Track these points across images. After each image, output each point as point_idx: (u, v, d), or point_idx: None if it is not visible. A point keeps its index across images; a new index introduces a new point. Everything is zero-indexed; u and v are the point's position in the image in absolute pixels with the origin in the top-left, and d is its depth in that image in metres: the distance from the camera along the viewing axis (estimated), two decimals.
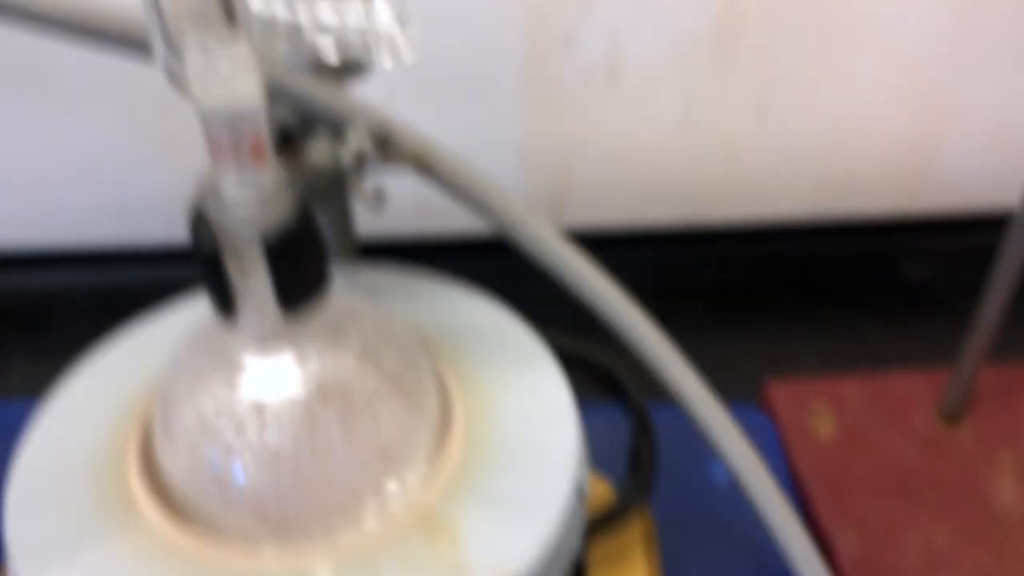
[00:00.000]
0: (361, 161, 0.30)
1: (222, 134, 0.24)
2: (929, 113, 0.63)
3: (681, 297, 0.66)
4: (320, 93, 0.30)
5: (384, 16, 0.21)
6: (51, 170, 0.60)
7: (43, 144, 0.59)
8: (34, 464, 0.29)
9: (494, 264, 0.46)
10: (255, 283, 0.25)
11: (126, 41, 0.27)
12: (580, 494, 0.29)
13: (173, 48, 0.23)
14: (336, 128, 0.30)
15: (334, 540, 0.27)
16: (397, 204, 0.32)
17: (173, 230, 0.64)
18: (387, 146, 0.30)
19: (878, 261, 0.69)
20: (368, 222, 0.36)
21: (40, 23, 0.26)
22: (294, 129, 0.30)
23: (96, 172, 0.61)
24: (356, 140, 0.30)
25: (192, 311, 0.35)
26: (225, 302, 0.25)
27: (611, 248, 0.67)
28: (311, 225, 0.26)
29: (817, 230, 0.69)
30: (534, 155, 0.61)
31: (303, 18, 0.22)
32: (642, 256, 0.67)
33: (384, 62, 0.22)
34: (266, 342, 0.26)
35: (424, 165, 0.30)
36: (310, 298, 0.26)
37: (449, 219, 0.55)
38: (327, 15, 0.22)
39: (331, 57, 0.22)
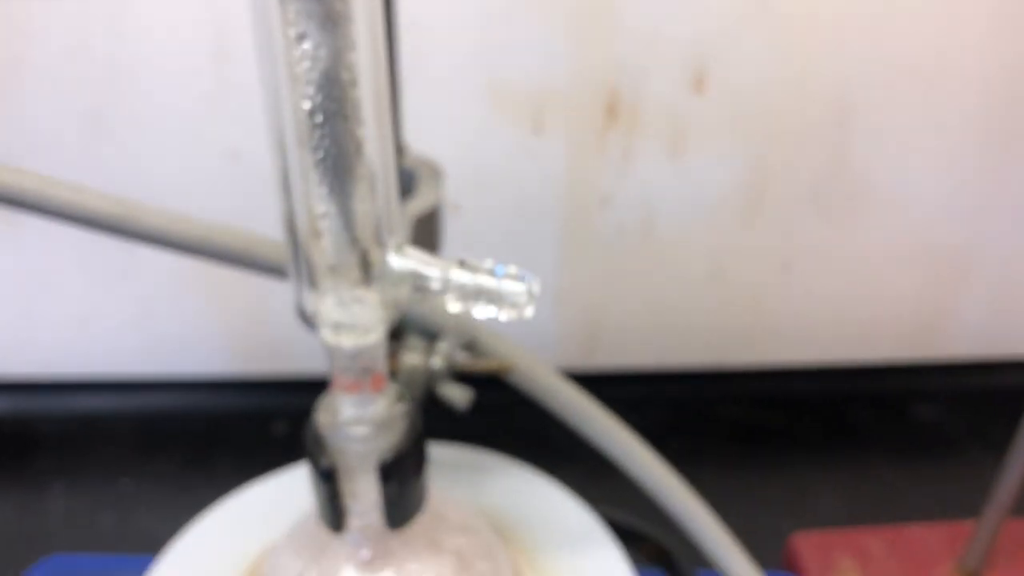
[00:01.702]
0: (451, 367, 0.32)
1: (347, 368, 0.26)
2: (941, 272, 0.66)
3: (702, 435, 0.68)
4: (415, 304, 0.32)
5: (512, 281, 0.24)
6: (102, 303, 0.62)
7: (97, 277, 0.61)
8: None
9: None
10: (365, 502, 0.27)
11: (263, 266, 0.30)
12: None
13: (307, 293, 0.25)
14: (427, 333, 0.32)
15: None
16: None
17: (211, 364, 0.66)
18: (474, 353, 0.32)
19: (893, 402, 0.71)
20: None
21: (180, 248, 0.29)
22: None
23: (142, 310, 0.63)
24: (447, 348, 0.32)
25: (289, 482, 0.36)
26: (336, 519, 0.27)
27: (636, 385, 0.70)
28: (421, 446, 0.27)
29: (834, 372, 0.71)
30: (568, 301, 0.63)
31: (434, 273, 0.24)
32: (666, 394, 0.69)
33: (502, 317, 0.24)
34: (369, 554, 0.28)
35: (507, 372, 0.32)
36: (414, 514, 0.28)
37: None
38: (458, 275, 0.24)
39: (454, 308, 0.25)
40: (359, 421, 0.26)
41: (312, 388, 0.27)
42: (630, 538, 0.37)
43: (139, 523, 0.60)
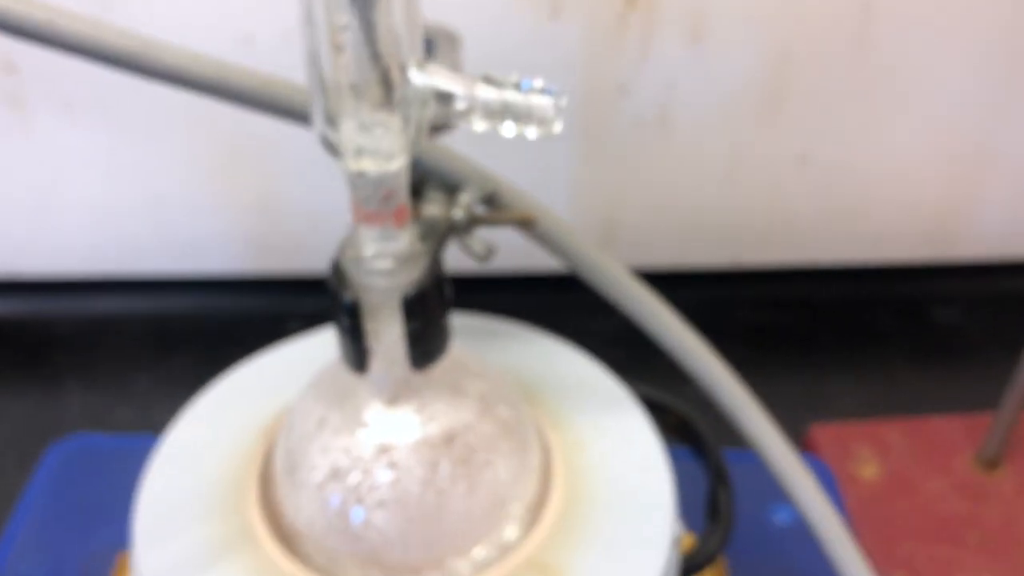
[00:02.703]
0: (472, 219, 0.31)
1: (369, 197, 0.25)
2: (962, 170, 0.64)
3: (719, 335, 0.67)
4: (435, 153, 0.31)
5: (540, 95, 0.23)
6: (114, 200, 0.62)
7: (108, 174, 0.61)
8: (159, 492, 0.31)
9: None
10: (388, 340, 0.27)
11: (280, 107, 0.29)
12: (676, 541, 0.31)
13: (330, 116, 0.24)
14: (448, 186, 0.32)
15: None
16: None
17: (227, 263, 0.66)
18: (495, 206, 0.32)
19: (911, 304, 0.71)
20: None
21: (195, 87, 0.28)
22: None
23: (156, 204, 0.62)
24: (468, 199, 0.31)
25: (305, 347, 0.36)
26: (359, 358, 0.27)
27: (652, 284, 0.70)
28: (443, 285, 0.27)
29: (851, 272, 0.70)
30: (583, 196, 0.62)
31: (458, 90, 0.24)
32: (682, 293, 0.68)
33: (530, 134, 0.24)
34: (393, 395, 0.28)
35: (528, 225, 0.32)
36: (438, 355, 0.28)
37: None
38: (484, 90, 0.23)
39: (480, 127, 0.24)
40: (382, 255, 0.26)
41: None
42: (654, 410, 0.37)
43: (154, 418, 0.60)
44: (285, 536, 0.29)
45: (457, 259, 0.31)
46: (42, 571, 0.42)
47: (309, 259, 0.65)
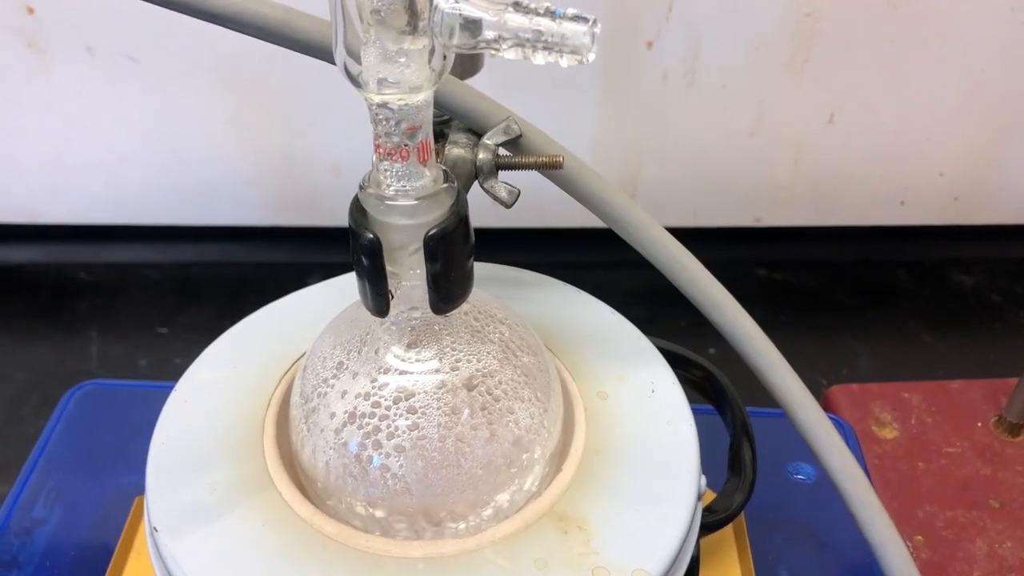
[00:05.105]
0: (497, 162, 0.30)
1: (391, 131, 0.24)
2: (991, 129, 0.63)
3: (739, 295, 0.66)
4: (461, 94, 0.30)
5: (572, 22, 0.22)
6: (134, 150, 0.61)
7: (128, 124, 0.60)
8: (174, 436, 0.30)
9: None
10: (409, 282, 0.26)
11: (304, 45, 0.28)
12: (700, 497, 0.30)
13: (353, 46, 0.23)
14: (473, 128, 0.31)
15: (470, 531, 0.27)
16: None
17: (247, 212, 0.65)
18: (521, 151, 0.31)
19: (933, 268, 0.70)
20: None
21: (214, 18, 0.27)
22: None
23: (177, 154, 0.61)
24: (493, 142, 0.30)
25: (324, 292, 0.35)
26: (379, 301, 0.26)
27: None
28: (467, 227, 0.26)
29: (873, 234, 0.69)
30: (606, 151, 0.61)
31: (487, 16, 0.23)
32: (704, 253, 0.68)
33: (563, 62, 0.23)
34: (413, 339, 0.27)
35: (555, 168, 0.31)
36: (460, 300, 0.27)
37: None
38: (514, 18, 0.22)
39: (510, 56, 0.23)
40: (404, 193, 0.25)
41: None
42: (678, 364, 0.36)
43: (174, 367, 0.60)
44: (301, 481, 0.29)
45: (477, 214, 0.30)
46: (59, 515, 0.42)
47: (333, 212, 0.65)
